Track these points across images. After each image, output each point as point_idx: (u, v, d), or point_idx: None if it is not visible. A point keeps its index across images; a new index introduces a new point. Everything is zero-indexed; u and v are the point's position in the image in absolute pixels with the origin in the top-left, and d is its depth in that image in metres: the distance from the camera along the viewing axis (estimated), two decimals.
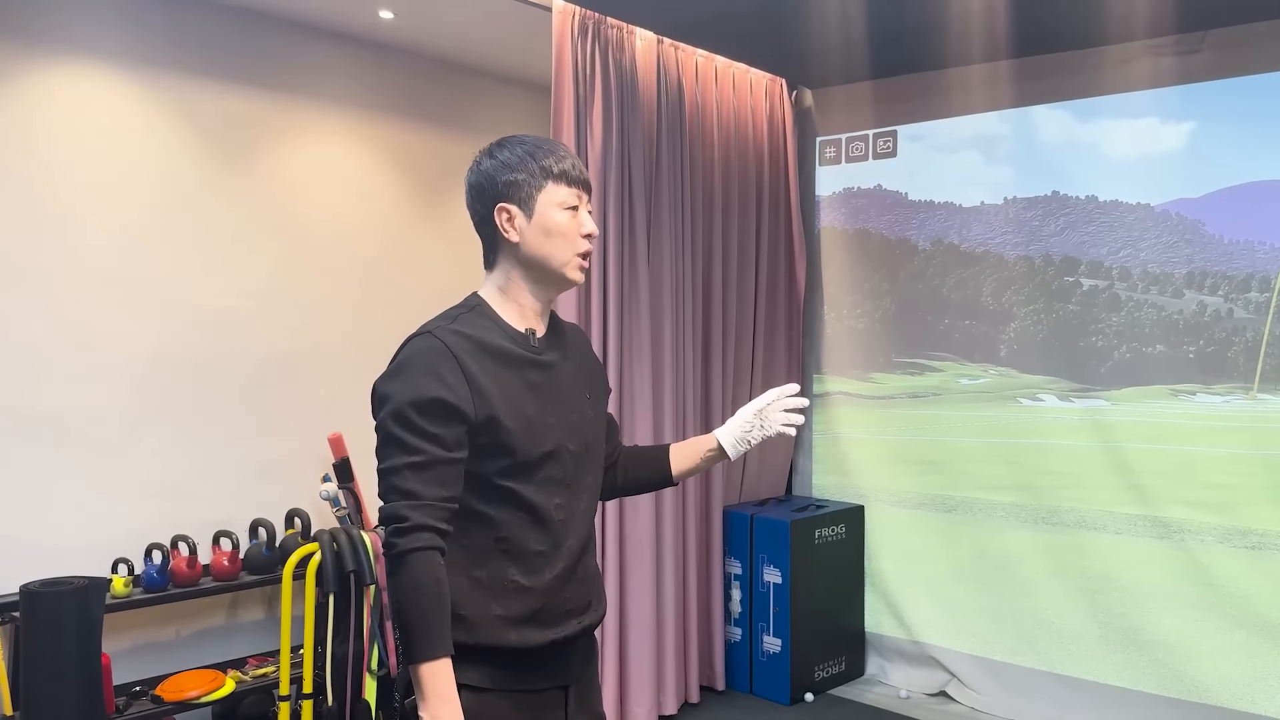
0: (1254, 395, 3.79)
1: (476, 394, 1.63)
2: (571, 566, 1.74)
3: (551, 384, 1.75)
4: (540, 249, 1.71)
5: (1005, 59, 4.23)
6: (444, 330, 1.67)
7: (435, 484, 1.59)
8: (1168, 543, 3.90)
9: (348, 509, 3.91)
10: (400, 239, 4.48)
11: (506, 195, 1.71)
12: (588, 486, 1.80)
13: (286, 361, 4.07)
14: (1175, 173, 3.94)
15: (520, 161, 1.70)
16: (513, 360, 1.70)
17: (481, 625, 1.65)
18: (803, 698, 4.33)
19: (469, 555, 1.66)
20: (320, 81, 4.17)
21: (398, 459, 1.59)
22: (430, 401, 1.60)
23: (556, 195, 1.71)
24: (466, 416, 1.62)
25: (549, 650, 1.71)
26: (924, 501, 4.59)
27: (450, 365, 1.62)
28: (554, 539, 1.71)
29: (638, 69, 4.00)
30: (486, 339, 1.69)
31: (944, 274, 4.59)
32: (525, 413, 1.68)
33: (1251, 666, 3.69)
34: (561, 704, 1.76)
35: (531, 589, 1.68)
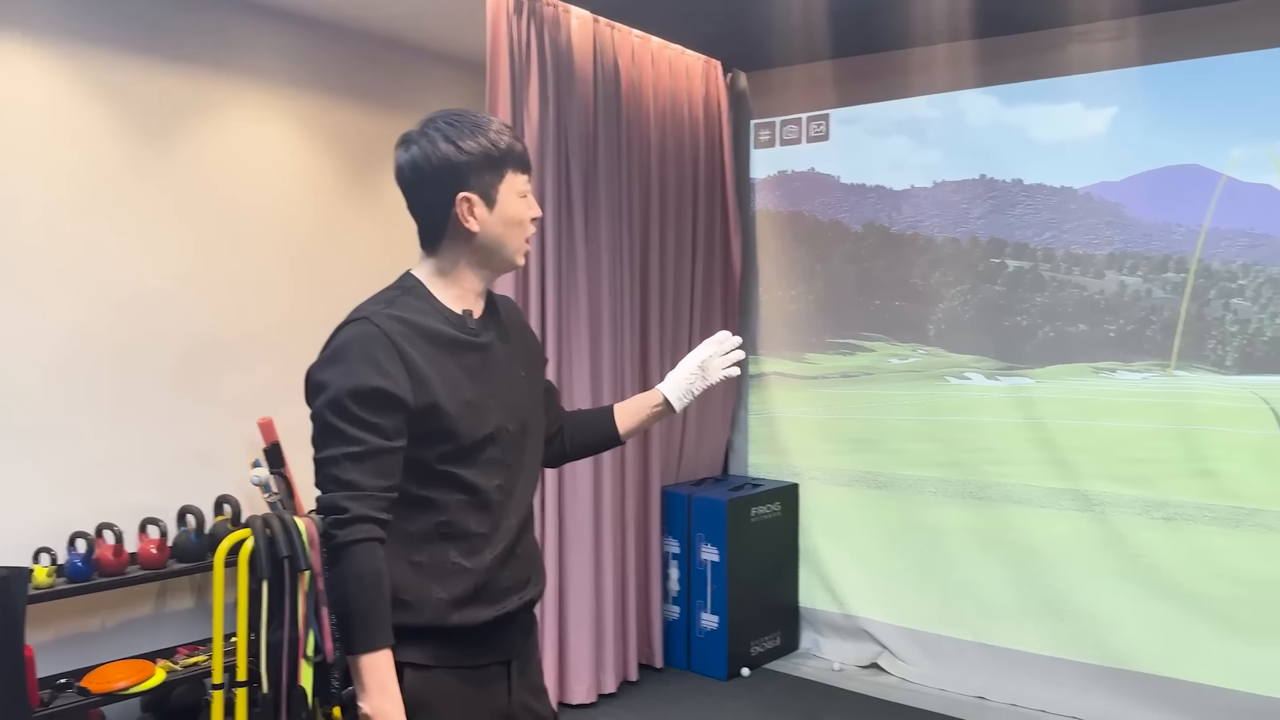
0: (1171, 372, 3.94)
1: (416, 381, 1.61)
2: (511, 545, 1.74)
3: (489, 366, 1.74)
4: (498, 238, 1.70)
5: (935, 44, 4.30)
6: (381, 315, 1.63)
7: (375, 474, 1.57)
8: (1089, 515, 4.04)
9: (279, 494, 3.84)
10: (331, 219, 4.40)
11: (469, 184, 1.66)
12: (526, 465, 1.80)
13: (215, 345, 3.97)
14: (1097, 157, 4.06)
15: (484, 150, 1.66)
16: (450, 344, 1.68)
17: (424, 608, 1.65)
18: (739, 673, 4.40)
19: (409, 540, 1.65)
20: (249, 58, 4.07)
21: (336, 449, 1.57)
22: (369, 391, 1.57)
23: (516, 185, 1.70)
24: (406, 405, 1.60)
25: (491, 627, 1.72)
26: (856, 478, 4.68)
27: (388, 352, 1.59)
28: (494, 520, 1.71)
29: (574, 48, 3.98)
30: (424, 323, 1.66)
31: (875, 256, 4.66)
32: (464, 397, 1.67)
33: (1168, 633, 3.85)
34: (504, 678, 1.77)
35: (472, 570, 1.68)
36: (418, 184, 1.69)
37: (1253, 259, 3.76)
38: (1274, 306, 3.71)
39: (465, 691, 1.70)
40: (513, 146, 1.69)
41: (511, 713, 1.78)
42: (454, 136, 1.66)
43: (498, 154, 1.67)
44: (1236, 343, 3.79)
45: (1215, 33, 3.75)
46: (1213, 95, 3.80)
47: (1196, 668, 3.78)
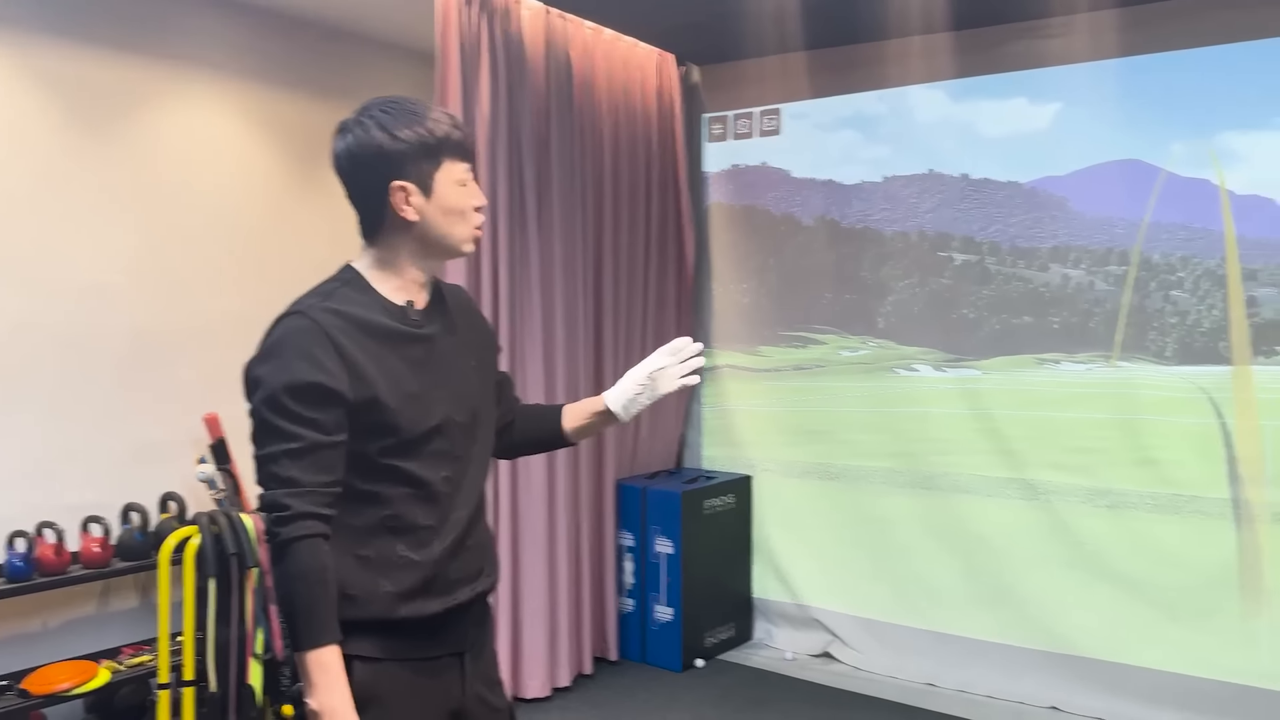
0: (1113, 363, 4.03)
1: (354, 375, 1.59)
2: (461, 537, 1.72)
3: (434, 357, 1.71)
4: (440, 227, 1.67)
5: (885, 39, 4.35)
6: (317, 309, 1.61)
7: (316, 469, 1.55)
8: (1034, 504, 4.12)
9: (226, 491, 3.78)
10: (278, 211, 4.34)
11: (403, 172, 1.63)
12: (476, 455, 1.78)
13: (158, 339, 3.90)
14: (1042, 152, 4.13)
15: (419, 138, 1.62)
16: (392, 336, 1.66)
17: (371, 601, 1.63)
18: (693, 664, 4.42)
19: (355, 534, 1.63)
20: (194, 47, 3.99)
21: (275, 446, 1.55)
22: (306, 386, 1.55)
23: (454, 173, 1.66)
24: (344, 399, 1.58)
25: (441, 619, 1.70)
26: (808, 470, 4.72)
27: (325, 347, 1.57)
28: (442, 512, 1.69)
29: (525, 39, 3.96)
30: (363, 316, 1.63)
31: (826, 250, 4.70)
32: (406, 390, 1.65)
33: (1111, 618, 3.94)
34: (457, 670, 1.76)
35: (420, 563, 1.67)
36: (353, 172, 1.66)
37: (1191, 252, 3.85)
38: (1212, 299, 3.81)
39: (416, 683, 1.68)
40: (450, 134, 1.66)
41: (465, 705, 1.77)
42: (388, 124, 1.63)
43: (433, 141, 1.64)
44: (1176, 334, 3.89)
45: (1157, 30, 3.83)
46: (1154, 92, 3.88)
47: (1139, 652, 3.88)
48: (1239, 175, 3.74)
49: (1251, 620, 3.69)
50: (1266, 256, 3.71)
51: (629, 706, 4.00)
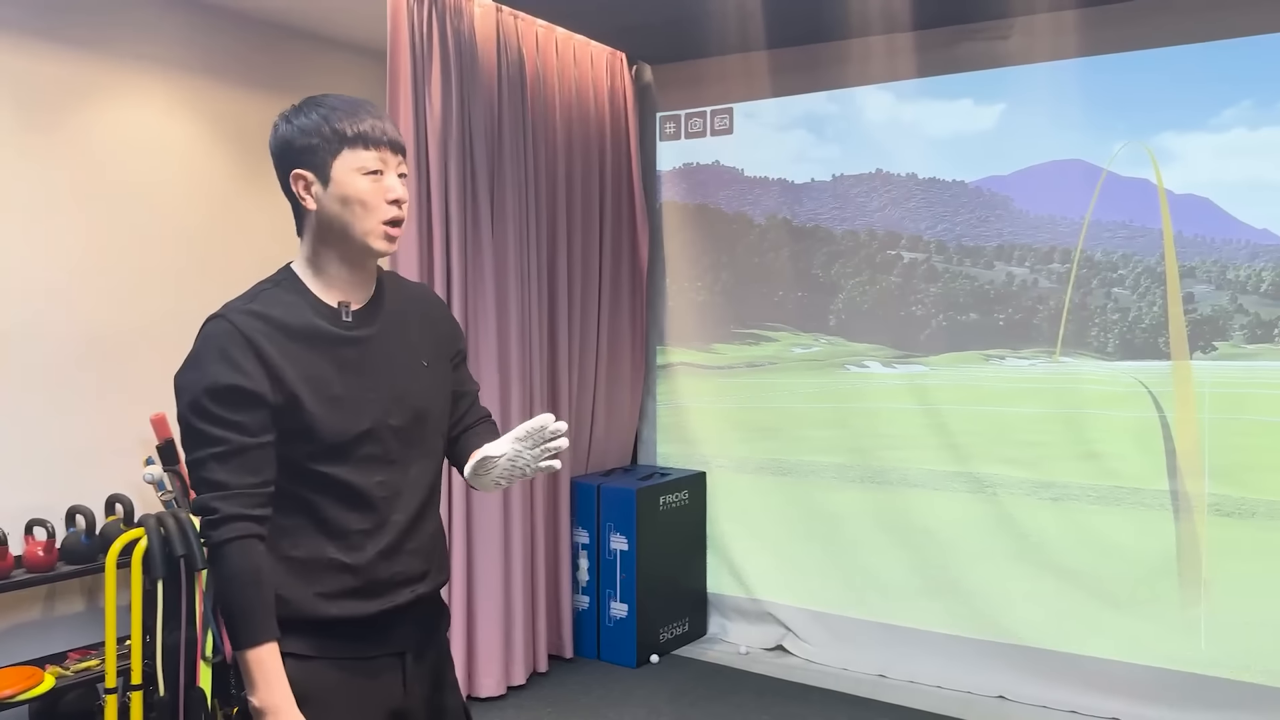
0: (1057, 359, 4.12)
1: (274, 378, 1.57)
2: (398, 541, 1.70)
3: (368, 359, 1.68)
4: (339, 217, 1.62)
5: (834, 41, 4.40)
6: (237, 312, 1.60)
7: (243, 471, 1.55)
8: (981, 497, 4.20)
9: (174, 492, 3.74)
10: (225, 209, 4.29)
11: (301, 161, 1.62)
12: (417, 458, 1.74)
13: (103, 339, 3.84)
14: (987, 151, 4.21)
15: (315, 125, 1.60)
16: (319, 339, 1.63)
17: (301, 603, 1.62)
18: (648, 660, 4.45)
19: (286, 535, 1.62)
20: (140, 42, 3.93)
21: (202, 451, 1.56)
22: (225, 389, 1.55)
23: (355, 160, 1.60)
24: (265, 400, 1.57)
25: (377, 619, 1.68)
26: (761, 466, 4.77)
27: (243, 349, 1.56)
28: (377, 516, 1.67)
29: (477, 37, 3.95)
30: (287, 318, 1.62)
31: (778, 248, 4.75)
32: (332, 393, 1.62)
33: (1055, 608, 4.03)
34: (398, 671, 1.73)
35: (353, 566, 1.65)
36: (275, 167, 1.67)
37: (1132, 250, 3.95)
38: (1151, 295, 3.91)
39: (351, 683, 1.66)
40: (353, 125, 1.60)
41: (407, 706, 1.74)
42: (291, 115, 1.64)
43: (329, 129, 1.60)
44: (1117, 330, 3.98)
45: (1098, 34, 3.92)
46: (1095, 93, 3.97)
47: (1082, 641, 3.97)
48: (1177, 175, 3.84)
49: (1190, 609, 3.80)
50: (1203, 254, 3.82)
51: (584, 704, 4.02)
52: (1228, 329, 3.78)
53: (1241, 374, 3.75)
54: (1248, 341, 3.74)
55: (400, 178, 1.66)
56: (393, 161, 1.65)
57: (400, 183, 1.65)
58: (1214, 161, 3.76)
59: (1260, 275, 3.72)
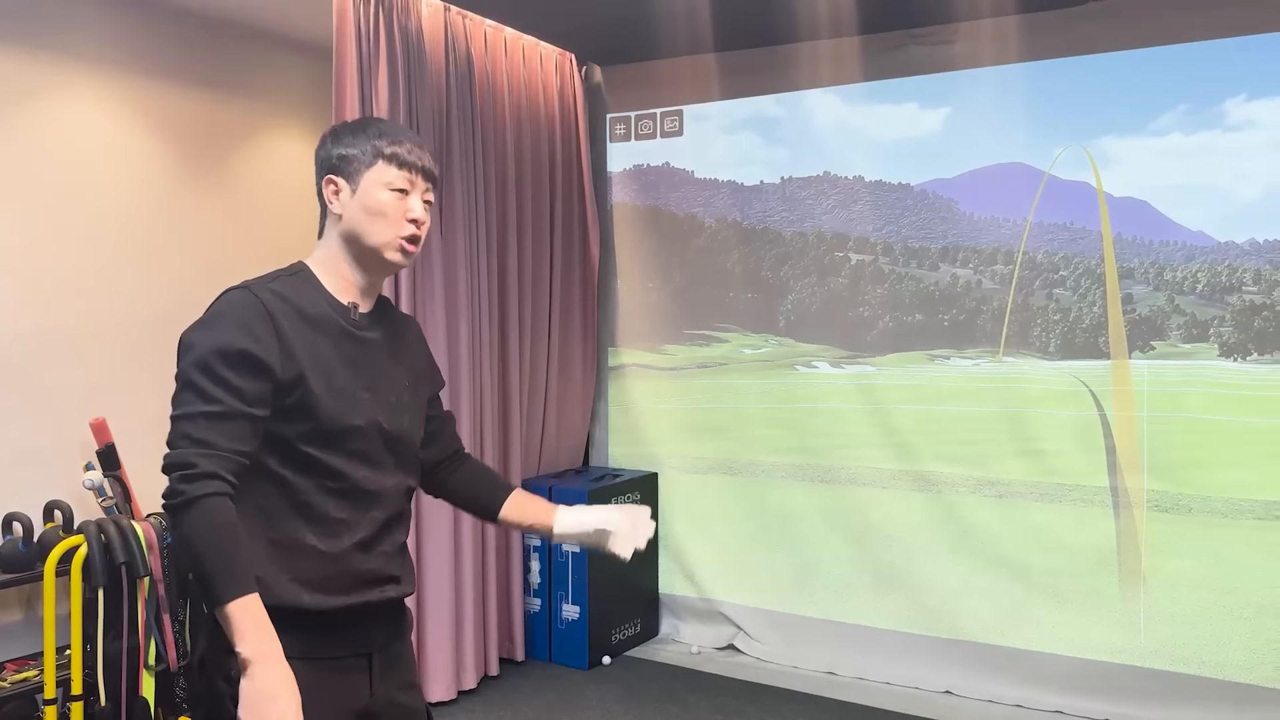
0: (1000, 359, 4.19)
1: (286, 353, 1.62)
2: (374, 536, 1.73)
3: (368, 360, 1.75)
4: (359, 225, 1.72)
5: (782, 44, 4.44)
6: (261, 287, 1.66)
7: (230, 436, 1.57)
8: (927, 494, 4.27)
9: (115, 498, 3.67)
10: (170, 209, 4.21)
11: (336, 168, 1.73)
12: (398, 468, 1.79)
13: (40, 341, 3.75)
14: (932, 155, 4.28)
15: (356, 138, 1.73)
16: (329, 328, 1.70)
17: (276, 586, 1.63)
18: (600, 661, 4.45)
19: (266, 517, 1.65)
20: (79, 40, 3.85)
21: (194, 406, 1.57)
22: (237, 353, 1.58)
23: (384, 175, 1.71)
24: (273, 374, 1.60)
25: (347, 616, 1.70)
26: (712, 466, 4.80)
27: (263, 321, 1.61)
28: (357, 509, 1.71)
29: (424, 36, 3.93)
30: (304, 304, 1.69)
31: (728, 249, 4.78)
32: (334, 382, 1.68)
33: (1000, 604, 4.10)
34: (365, 671, 1.75)
35: (328, 554, 1.67)
36: (315, 171, 1.79)
37: (1073, 251, 4.03)
38: (1092, 296, 4.00)
39: (319, 680, 1.66)
40: (391, 146, 1.72)
41: (373, 707, 1.77)
42: (341, 128, 1.78)
43: (368, 145, 1.72)
44: (1059, 330, 4.07)
45: (1040, 39, 3.99)
46: (1037, 98, 4.05)
47: (1026, 635, 4.05)
48: (1116, 178, 3.93)
49: (1130, 603, 3.89)
50: (1141, 255, 3.91)
51: (536, 707, 4.01)
52: (1165, 329, 3.87)
53: (1178, 373, 3.85)
54: (1184, 341, 3.84)
55: (426, 204, 1.76)
56: (421, 186, 1.75)
57: (423, 207, 1.75)
58: (1151, 165, 3.86)
59: (1196, 276, 3.82)
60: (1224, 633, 3.72)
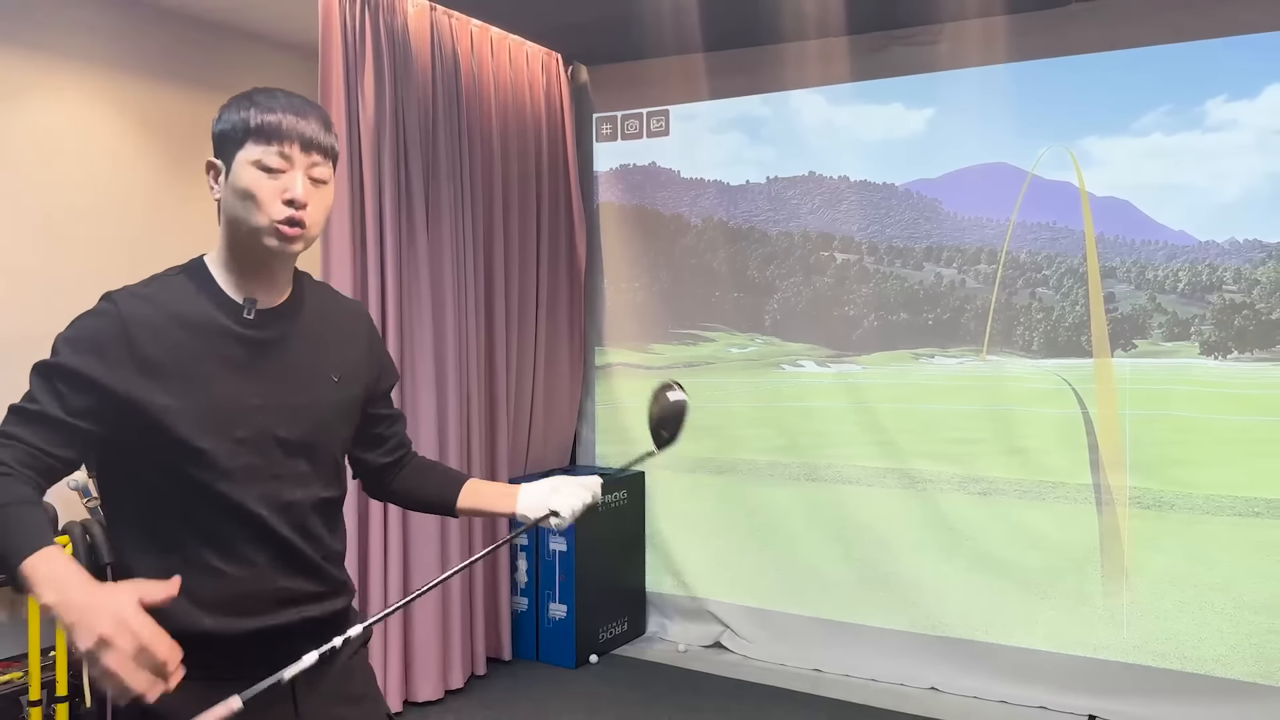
0: (984, 357, 4.22)
1: (140, 368, 1.50)
2: (282, 558, 1.59)
3: (264, 362, 1.59)
4: (232, 210, 1.56)
5: (768, 44, 4.45)
6: (126, 295, 1.56)
7: (38, 435, 1.47)
8: (913, 492, 4.29)
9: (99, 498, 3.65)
10: (154, 208, 4.20)
11: (216, 149, 1.58)
12: (306, 480, 1.63)
13: (25, 342, 3.71)
14: (917, 155, 4.30)
15: (230, 113, 1.56)
16: (210, 332, 1.56)
17: (173, 610, 1.40)
18: (587, 660, 4.46)
19: (160, 540, 1.53)
20: (63, 38, 3.83)
21: (16, 404, 1.52)
22: (70, 369, 1.50)
23: (253, 153, 1.53)
24: (111, 393, 1.49)
25: (257, 638, 1.56)
26: (699, 465, 4.81)
27: (114, 338, 1.51)
28: (255, 526, 1.56)
29: (410, 36, 3.93)
30: (179, 305, 1.56)
31: (714, 249, 4.80)
32: (211, 390, 1.54)
33: (985, 600, 4.13)
34: (286, 692, 1.55)
35: (232, 575, 1.55)
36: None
37: (1055, 250, 4.07)
38: (1074, 295, 4.03)
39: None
40: (264, 115, 1.54)
41: None
42: (227, 103, 1.60)
43: (239, 120, 1.54)
44: (1042, 329, 4.10)
45: (1023, 40, 4.02)
46: (1020, 98, 4.08)
47: (1010, 631, 4.08)
48: (1098, 178, 3.96)
49: (1113, 599, 3.92)
50: (1123, 255, 3.95)
51: (523, 706, 4.01)
52: (1147, 327, 3.91)
53: (1160, 371, 3.89)
54: (1166, 339, 3.88)
55: (315, 183, 1.57)
56: (302, 160, 1.55)
57: (306, 184, 1.55)
58: (1133, 165, 3.89)
59: (1177, 275, 3.85)
60: (1204, 628, 3.75)
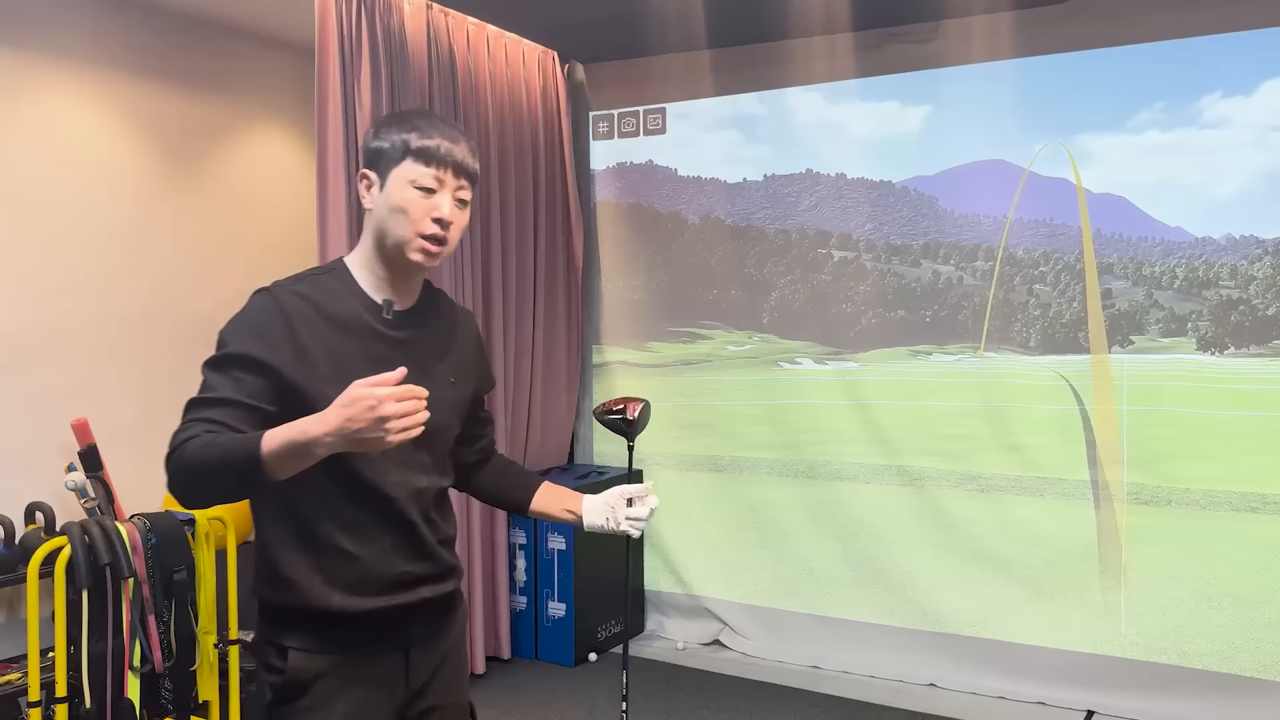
0: (981, 354, 4.23)
1: (299, 355, 1.64)
2: (406, 541, 1.74)
3: (397, 358, 1.69)
4: (383, 222, 1.70)
5: (764, 42, 4.46)
6: (282, 288, 1.69)
7: (221, 414, 1.59)
8: (910, 489, 4.30)
9: (98, 499, 3.65)
10: (151, 208, 4.19)
11: (370, 162, 1.72)
12: (427, 467, 1.79)
13: (20, 342, 3.73)
14: (913, 152, 4.31)
15: (389, 132, 1.71)
16: (355, 329, 1.70)
17: (308, 590, 1.67)
18: (586, 658, 4.46)
19: (297, 519, 1.68)
20: (55, 37, 3.82)
21: (198, 395, 1.63)
22: (242, 354, 1.62)
23: (411, 172, 1.68)
24: (278, 373, 1.62)
25: (378, 615, 1.72)
26: (697, 463, 4.81)
27: (276, 323, 1.64)
28: (388, 511, 1.72)
29: (407, 34, 3.92)
30: (328, 304, 1.69)
31: (711, 247, 4.80)
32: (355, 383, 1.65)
33: (982, 596, 4.14)
34: (402, 667, 1.76)
35: (360, 558, 1.69)
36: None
37: (1052, 248, 4.07)
38: (1071, 291, 4.04)
39: (354, 677, 1.71)
40: (423, 140, 1.68)
41: (409, 701, 1.79)
42: (381, 121, 1.76)
43: (399, 139, 1.69)
44: (1039, 325, 4.10)
45: (1019, 37, 4.02)
46: (1016, 95, 4.08)
47: (1008, 627, 4.09)
48: (1094, 175, 3.97)
49: (1111, 594, 3.93)
50: (1120, 251, 3.95)
51: (522, 704, 4.02)
52: (1144, 324, 3.92)
53: (1157, 367, 3.90)
54: (1163, 335, 3.88)
55: (461, 204, 1.72)
56: (451, 183, 1.70)
57: (453, 205, 1.70)
58: (1130, 162, 3.90)
59: (1174, 271, 3.86)
60: (1202, 623, 3.76)
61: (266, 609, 1.74)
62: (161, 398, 4.21)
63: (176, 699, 3.29)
